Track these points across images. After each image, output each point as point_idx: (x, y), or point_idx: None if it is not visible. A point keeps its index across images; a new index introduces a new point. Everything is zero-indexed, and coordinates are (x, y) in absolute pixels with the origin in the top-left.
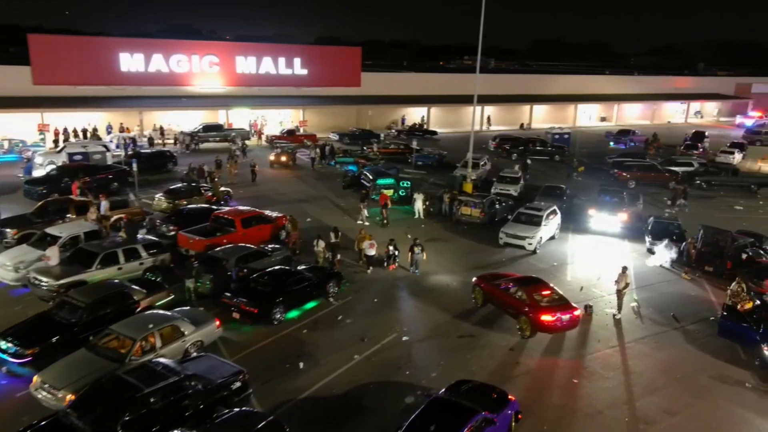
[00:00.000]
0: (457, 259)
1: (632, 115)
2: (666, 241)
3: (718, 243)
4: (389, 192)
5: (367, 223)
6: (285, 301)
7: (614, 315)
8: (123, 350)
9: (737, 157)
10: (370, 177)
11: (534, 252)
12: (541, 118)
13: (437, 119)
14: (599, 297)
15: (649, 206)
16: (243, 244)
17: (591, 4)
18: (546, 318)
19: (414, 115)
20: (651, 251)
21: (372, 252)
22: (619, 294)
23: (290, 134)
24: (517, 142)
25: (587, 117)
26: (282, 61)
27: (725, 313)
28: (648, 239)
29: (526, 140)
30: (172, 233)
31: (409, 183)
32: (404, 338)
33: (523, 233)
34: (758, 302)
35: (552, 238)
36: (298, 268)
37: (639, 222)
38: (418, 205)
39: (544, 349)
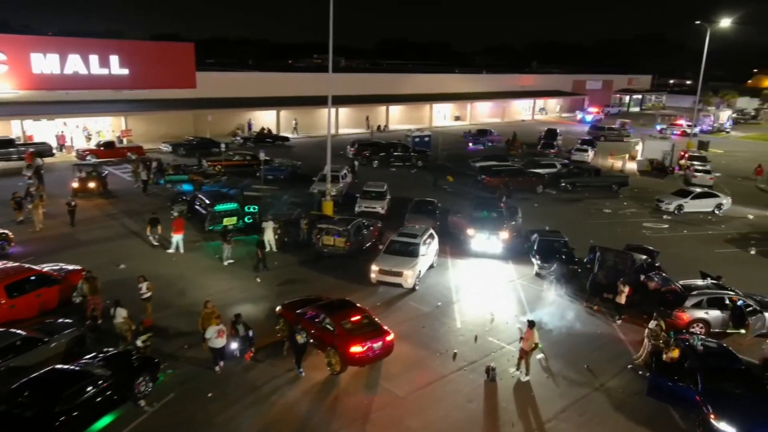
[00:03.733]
0: None
1: (484, 113)
2: (555, 265)
3: (617, 266)
4: (231, 220)
5: (226, 263)
6: (61, 427)
7: (520, 378)
8: None
9: (590, 155)
10: (207, 201)
11: (413, 289)
12: (397, 118)
13: (289, 123)
14: (498, 349)
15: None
16: (2, 330)
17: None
18: (355, 349)
19: (263, 119)
20: (541, 274)
21: (221, 343)
22: (526, 354)
23: (109, 147)
24: (377, 148)
25: (442, 116)
26: (94, 59)
27: (655, 367)
28: (536, 261)
29: (387, 145)
30: None
31: (256, 208)
32: None
33: (399, 267)
34: (684, 345)
35: (431, 266)
36: (97, 357)
37: (520, 238)
38: (269, 235)
39: None
